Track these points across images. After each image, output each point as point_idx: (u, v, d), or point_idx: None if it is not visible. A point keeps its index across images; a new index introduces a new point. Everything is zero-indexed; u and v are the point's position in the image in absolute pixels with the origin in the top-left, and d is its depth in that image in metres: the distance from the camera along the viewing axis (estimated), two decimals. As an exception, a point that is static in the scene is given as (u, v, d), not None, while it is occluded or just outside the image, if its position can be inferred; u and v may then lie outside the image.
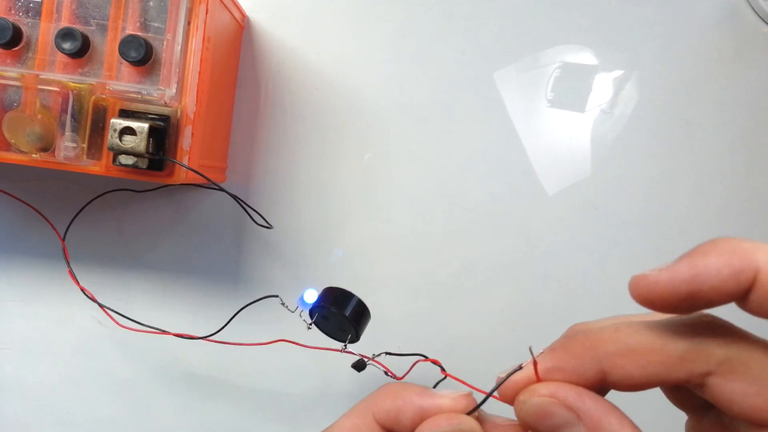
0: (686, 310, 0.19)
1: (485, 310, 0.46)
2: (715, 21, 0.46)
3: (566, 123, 0.45)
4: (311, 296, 0.37)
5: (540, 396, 0.20)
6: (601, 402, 0.20)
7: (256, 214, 0.43)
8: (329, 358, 0.44)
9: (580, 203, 0.46)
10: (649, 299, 0.19)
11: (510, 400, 0.21)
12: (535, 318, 0.45)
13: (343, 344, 0.36)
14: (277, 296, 0.38)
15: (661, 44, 0.46)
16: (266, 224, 0.43)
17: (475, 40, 0.45)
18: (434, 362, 0.31)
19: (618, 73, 0.46)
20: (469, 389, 0.23)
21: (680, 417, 0.23)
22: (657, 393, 0.22)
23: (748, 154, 0.46)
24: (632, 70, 0.46)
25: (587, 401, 0.20)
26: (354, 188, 0.45)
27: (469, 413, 0.21)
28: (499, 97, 0.45)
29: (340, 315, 0.34)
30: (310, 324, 0.36)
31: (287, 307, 0.37)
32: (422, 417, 0.21)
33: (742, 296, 0.18)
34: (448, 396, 0.22)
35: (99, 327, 0.45)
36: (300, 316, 0.36)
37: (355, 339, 0.35)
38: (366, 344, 0.36)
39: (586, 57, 0.46)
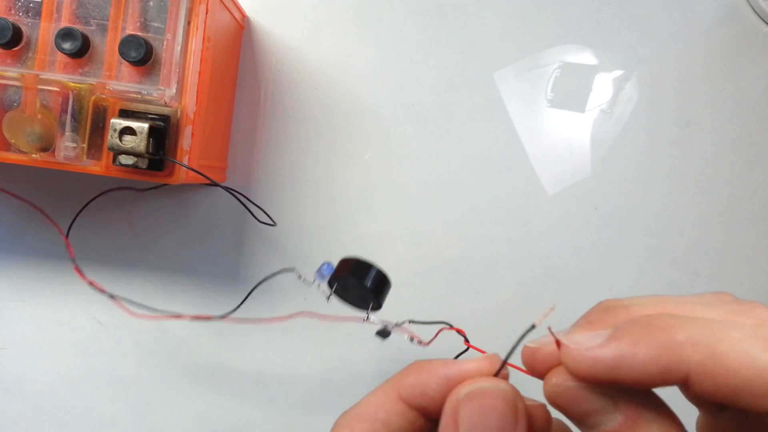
0: (609, 387, 0.18)
1: (484, 310, 0.46)
2: (715, 21, 0.46)
3: (566, 123, 0.45)
4: (328, 269, 0.35)
5: (577, 380, 0.19)
6: (641, 390, 0.18)
7: (259, 212, 0.42)
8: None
9: (580, 203, 0.46)
10: (573, 374, 0.18)
11: (540, 375, 0.20)
12: (534, 317, 0.45)
13: (366, 313, 0.34)
14: (293, 270, 0.37)
15: (661, 44, 0.46)
16: (270, 221, 0.43)
17: (475, 40, 0.45)
18: (459, 331, 0.30)
19: (618, 73, 0.46)
20: (492, 352, 0.21)
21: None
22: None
23: (748, 154, 0.46)
24: (632, 70, 0.46)
25: (627, 388, 0.18)
26: (354, 188, 0.45)
27: (494, 375, 0.20)
28: (499, 97, 0.45)
29: (360, 285, 0.33)
30: (329, 295, 0.34)
31: (304, 279, 0.36)
32: (448, 386, 0.20)
33: (671, 386, 0.17)
34: (473, 361, 0.21)
35: (99, 326, 0.45)
36: (318, 287, 0.35)
37: (378, 307, 0.34)
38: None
39: (586, 57, 0.46)
